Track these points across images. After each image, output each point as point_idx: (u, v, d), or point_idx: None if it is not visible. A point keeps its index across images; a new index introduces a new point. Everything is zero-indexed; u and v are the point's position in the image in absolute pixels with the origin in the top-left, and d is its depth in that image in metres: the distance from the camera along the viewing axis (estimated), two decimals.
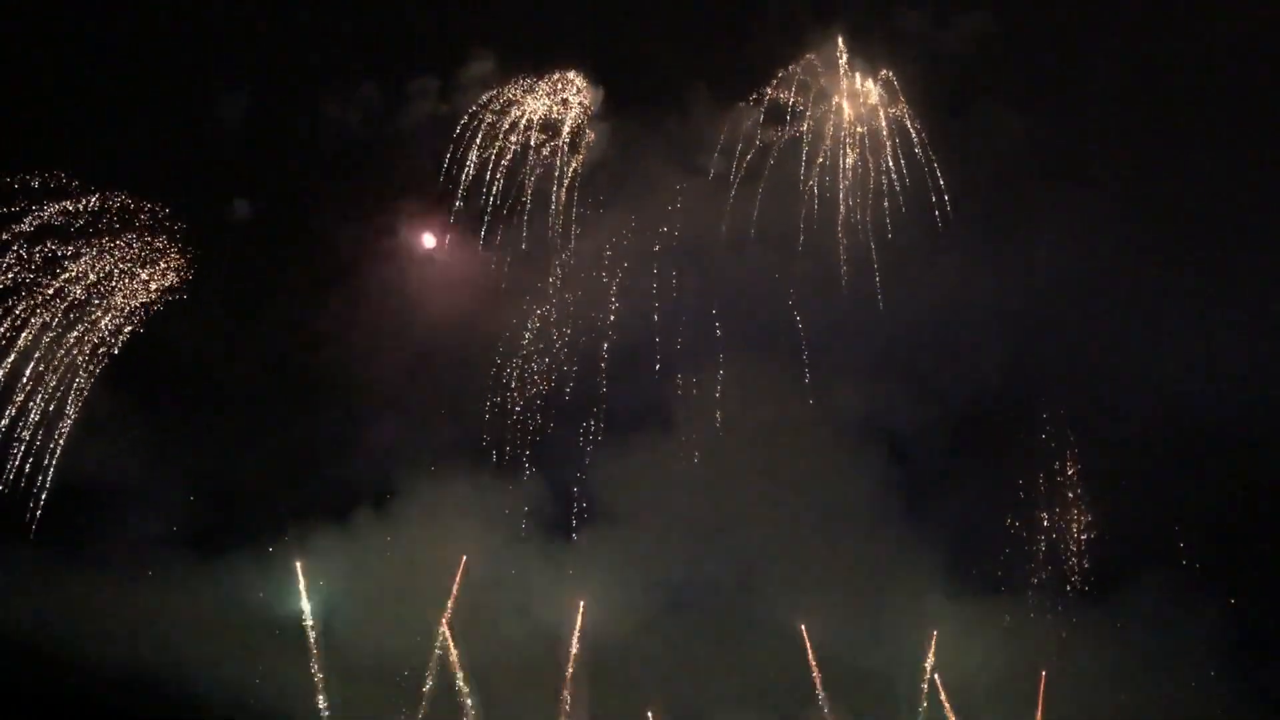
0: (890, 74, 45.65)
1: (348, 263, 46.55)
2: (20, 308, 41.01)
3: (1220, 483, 44.37)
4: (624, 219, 46.24)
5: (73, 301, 41.77)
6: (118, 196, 42.80)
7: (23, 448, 41.24)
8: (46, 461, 41.49)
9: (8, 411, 40.83)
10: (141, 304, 42.77)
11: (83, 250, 41.96)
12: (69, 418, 41.49)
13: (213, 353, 44.83)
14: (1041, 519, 45.12)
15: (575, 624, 44.74)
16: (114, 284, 42.40)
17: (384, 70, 47.94)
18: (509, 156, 46.10)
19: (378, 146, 47.22)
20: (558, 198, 46.07)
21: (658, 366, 45.77)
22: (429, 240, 46.85)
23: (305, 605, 44.77)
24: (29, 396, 41.15)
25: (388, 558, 45.31)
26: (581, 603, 44.83)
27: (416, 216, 46.81)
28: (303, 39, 48.79)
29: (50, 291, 41.37)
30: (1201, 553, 44.06)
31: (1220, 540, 44.29)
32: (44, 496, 41.59)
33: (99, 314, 42.07)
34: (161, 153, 46.25)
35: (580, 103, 46.01)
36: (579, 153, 46.13)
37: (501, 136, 45.83)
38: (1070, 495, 45.19)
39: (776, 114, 46.45)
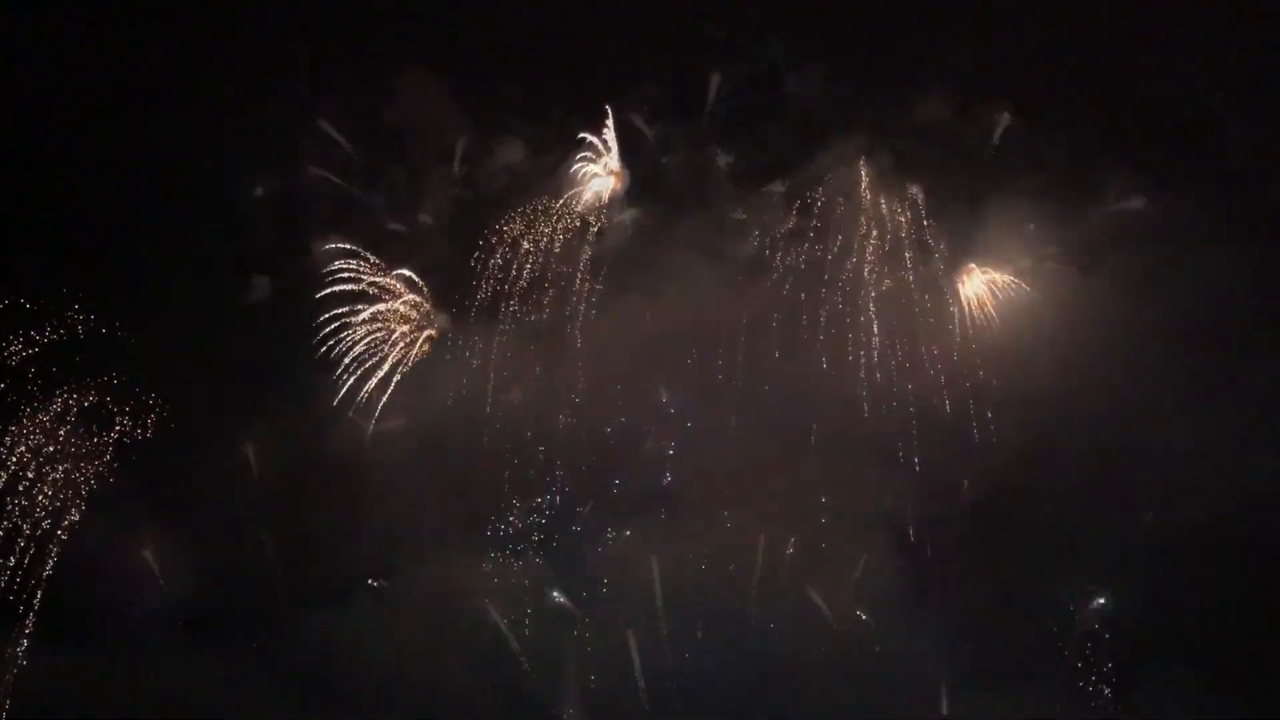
0: (917, 192, 46.13)
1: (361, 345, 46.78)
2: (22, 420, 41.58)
3: (1234, 580, 43.68)
4: (642, 304, 46.58)
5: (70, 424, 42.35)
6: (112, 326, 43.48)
7: (25, 536, 41.47)
8: (50, 548, 41.60)
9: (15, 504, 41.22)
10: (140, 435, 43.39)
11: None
12: (72, 513, 41.82)
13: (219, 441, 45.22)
14: (1054, 613, 44.73)
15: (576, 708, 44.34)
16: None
17: (409, 154, 48.99)
18: (529, 264, 46.79)
19: (399, 230, 47.84)
20: (578, 291, 46.72)
21: (670, 453, 46.27)
22: (443, 324, 47.26)
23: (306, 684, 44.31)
24: (34, 491, 41.57)
25: (388, 638, 44.95)
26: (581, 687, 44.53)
27: (432, 299, 47.31)
28: (330, 120, 49.55)
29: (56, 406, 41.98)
30: (1215, 649, 43.36)
31: (1235, 637, 43.51)
32: (44, 579, 41.74)
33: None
34: (185, 229, 47.07)
35: (599, 225, 46.70)
36: (598, 271, 46.87)
37: (528, 241, 46.45)
38: (1083, 589, 44.84)
39: (797, 205, 47.16)
